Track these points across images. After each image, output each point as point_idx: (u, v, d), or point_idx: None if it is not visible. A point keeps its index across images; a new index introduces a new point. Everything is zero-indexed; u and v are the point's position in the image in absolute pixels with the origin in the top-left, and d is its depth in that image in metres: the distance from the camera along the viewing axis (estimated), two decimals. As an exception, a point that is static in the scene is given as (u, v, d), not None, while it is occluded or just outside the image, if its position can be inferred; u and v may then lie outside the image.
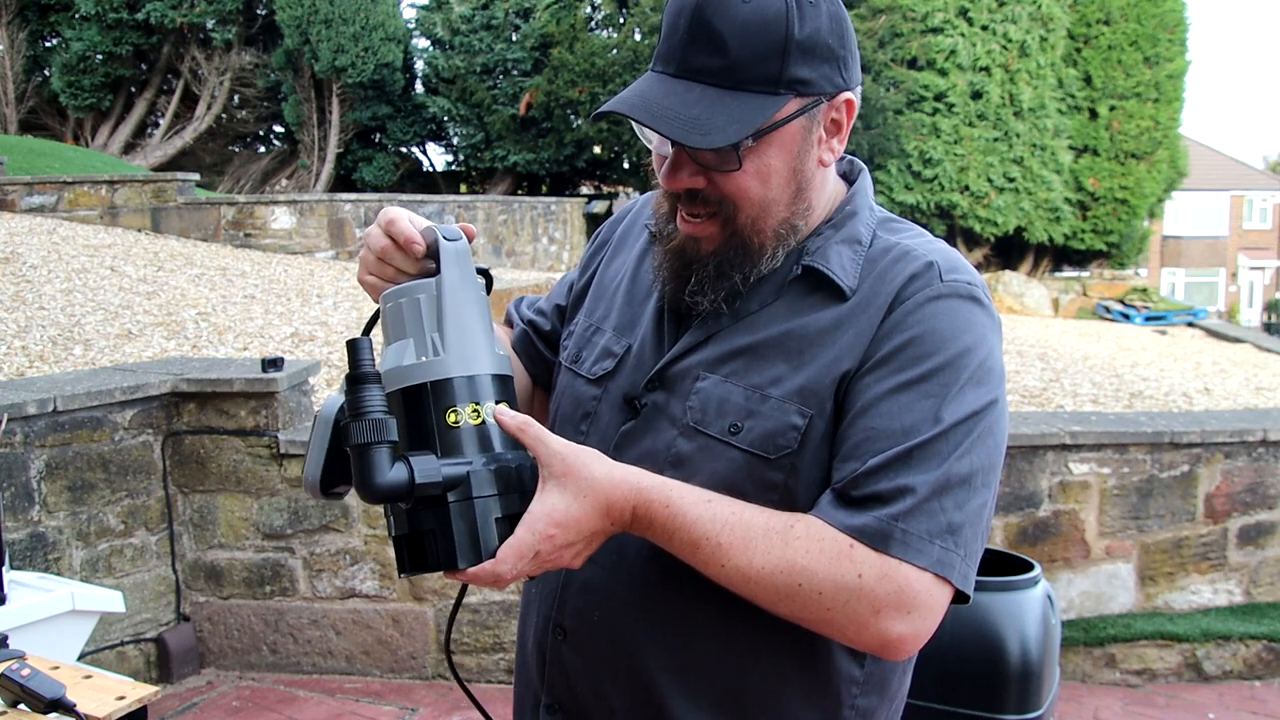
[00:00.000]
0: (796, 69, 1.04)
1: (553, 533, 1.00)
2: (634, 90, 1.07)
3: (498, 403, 1.05)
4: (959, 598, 1.04)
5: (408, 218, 1.15)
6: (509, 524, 1.01)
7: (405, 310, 1.08)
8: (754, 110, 1.04)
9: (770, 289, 1.13)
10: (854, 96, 1.11)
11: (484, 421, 1.04)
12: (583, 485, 1.01)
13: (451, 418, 1.03)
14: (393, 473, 0.99)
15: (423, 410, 1.04)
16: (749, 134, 1.03)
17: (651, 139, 1.14)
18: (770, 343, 1.11)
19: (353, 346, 1.03)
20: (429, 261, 1.13)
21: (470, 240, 1.14)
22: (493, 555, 1.00)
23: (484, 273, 1.16)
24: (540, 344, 1.38)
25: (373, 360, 1.03)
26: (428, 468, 1.00)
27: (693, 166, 1.08)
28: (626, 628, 1.13)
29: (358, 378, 1.02)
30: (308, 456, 1.11)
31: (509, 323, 1.45)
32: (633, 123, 1.09)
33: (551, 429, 1.25)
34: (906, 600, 1.00)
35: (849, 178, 1.22)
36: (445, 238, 1.11)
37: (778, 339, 1.11)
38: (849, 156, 1.23)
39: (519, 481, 1.03)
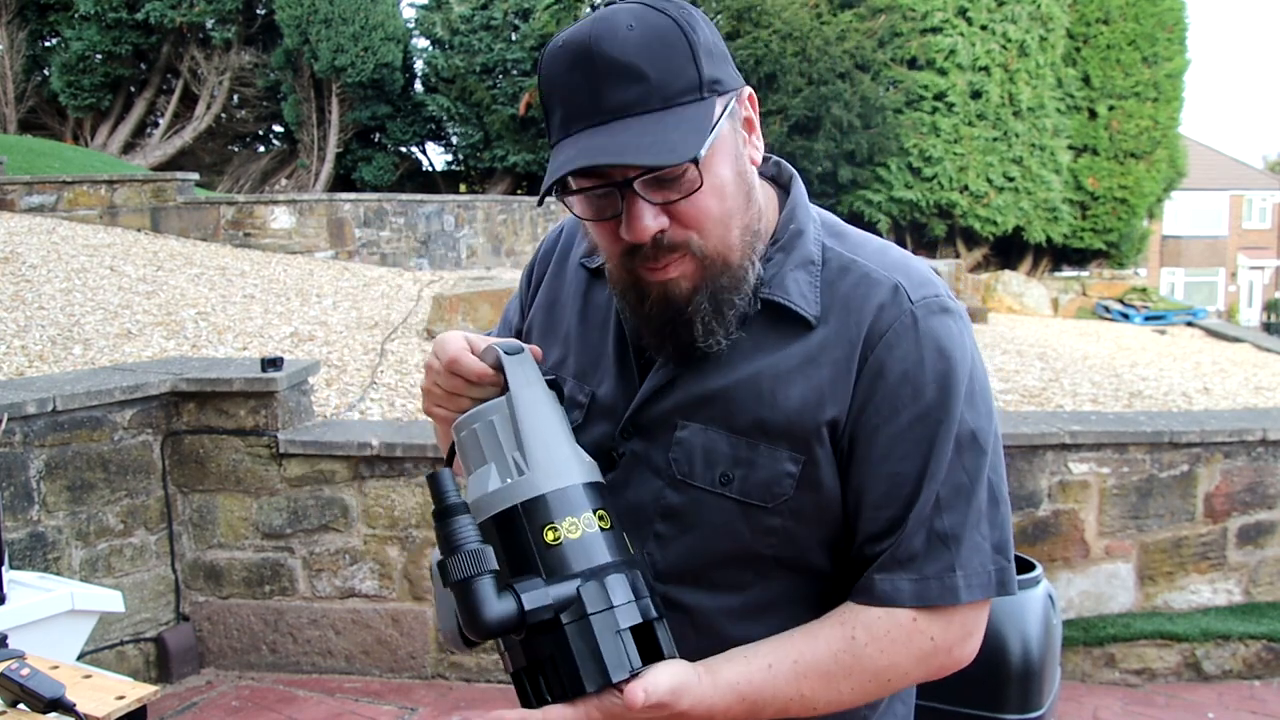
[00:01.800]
0: (709, 68, 1.01)
1: (659, 706, 0.97)
2: (567, 152, 0.99)
3: (596, 511, 1.00)
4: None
5: (467, 348, 1.10)
6: (631, 635, 0.96)
7: (481, 435, 1.04)
8: (698, 119, 1.00)
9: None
10: (750, 91, 1.08)
11: (583, 534, 0.98)
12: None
13: (550, 536, 0.98)
14: (501, 604, 0.94)
15: (518, 533, 0.99)
16: (706, 138, 0.99)
17: (589, 207, 1.05)
18: (743, 385, 1.08)
19: (433, 480, 0.99)
20: (497, 375, 1.09)
21: (538, 360, 1.09)
22: (627, 671, 0.95)
23: (554, 384, 1.12)
24: None
25: (457, 490, 1.00)
26: (535, 592, 0.95)
27: (652, 208, 1.01)
28: None
29: (444, 511, 0.98)
30: (438, 608, 1.08)
31: None
32: (565, 199, 1.04)
33: None
34: (970, 629, 1.09)
35: (779, 180, 1.18)
36: (506, 352, 1.07)
37: (750, 381, 1.08)
38: (774, 157, 1.19)
39: (633, 589, 0.98)
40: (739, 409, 1.07)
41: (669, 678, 0.97)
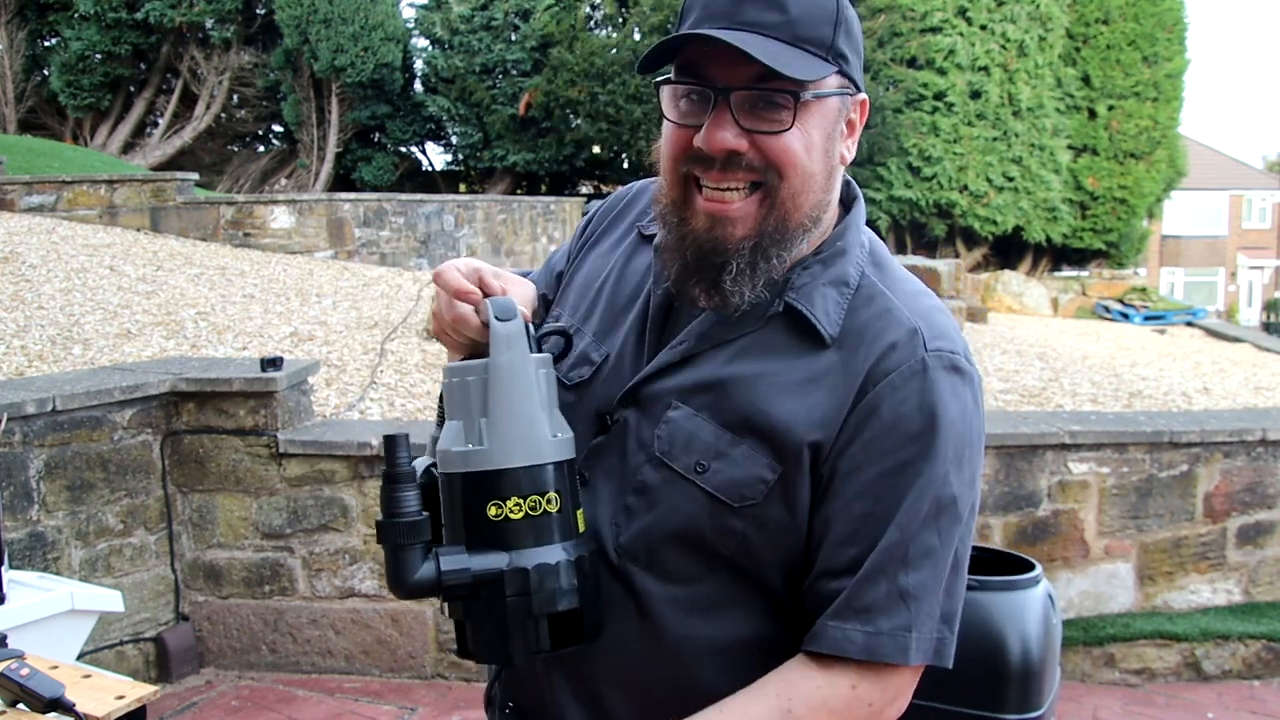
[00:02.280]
0: (842, 42, 1.03)
1: None
2: (700, 21, 1.02)
3: (546, 494, 1.02)
4: None
5: (465, 293, 1.12)
6: (555, 623, 1.01)
7: (458, 391, 1.06)
8: (815, 63, 1.01)
9: (749, 318, 1.09)
10: (867, 101, 1.10)
11: (525, 516, 1.01)
12: None
13: (493, 511, 1.01)
14: (422, 571, 1.00)
15: (464, 501, 1.03)
16: (817, 78, 1.01)
17: (677, 105, 1.06)
18: (743, 381, 1.07)
19: (389, 443, 1.03)
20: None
21: (528, 324, 1.10)
22: (529, 655, 1.01)
23: (563, 333, 1.14)
24: None
25: (409, 458, 1.03)
26: (458, 567, 1.00)
27: (735, 126, 1.01)
28: (587, 668, 1.13)
29: (393, 476, 1.02)
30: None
31: None
32: (664, 83, 1.05)
33: None
34: (902, 691, 1.07)
35: (844, 200, 1.18)
36: (497, 317, 1.07)
37: (750, 379, 1.07)
38: (848, 177, 1.19)
39: (559, 579, 1.01)
40: (731, 403, 1.07)
41: None
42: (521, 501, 1.01)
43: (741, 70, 1.00)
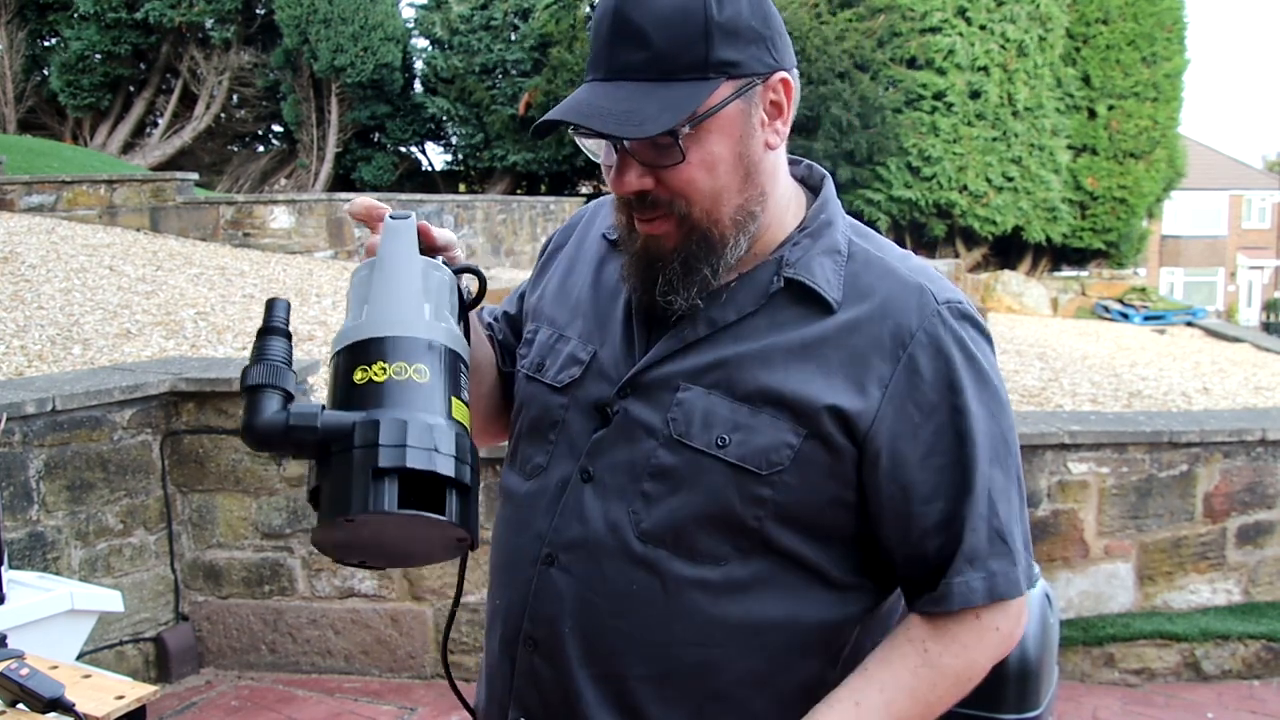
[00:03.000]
0: (722, 51, 1.04)
1: None
2: (569, 99, 1.07)
3: (415, 365, 0.99)
4: None
5: (371, 200, 1.16)
6: (399, 479, 0.94)
7: (352, 287, 1.08)
8: (685, 97, 1.03)
9: (749, 299, 1.12)
10: (790, 77, 1.09)
11: (389, 380, 0.97)
12: None
13: (358, 375, 0.98)
14: (272, 414, 0.96)
15: (337, 374, 1.01)
16: (682, 119, 1.02)
17: (598, 150, 1.12)
18: (755, 356, 1.10)
19: (269, 304, 1.04)
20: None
21: (426, 234, 1.12)
22: (365, 510, 0.92)
23: (475, 271, 1.14)
24: (500, 352, 1.36)
25: (286, 319, 1.04)
26: (305, 414, 0.96)
27: (638, 167, 1.06)
28: (602, 638, 1.11)
29: (265, 330, 1.02)
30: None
31: None
32: (576, 138, 1.09)
33: (517, 440, 1.25)
34: (1023, 616, 1.16)
35: (809, 182, 1.21)
36: (390, 217, 1.11)
37: (762, 353, 1.10)
38: (807, 161, 1.22)
39: (420, 437, 0.94)
40: (745, 377, 1.09)
41: None
42: (386, 366, 0.98)
43: None
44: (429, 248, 1.13)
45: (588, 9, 17.61)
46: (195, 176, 10.86)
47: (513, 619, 1.18)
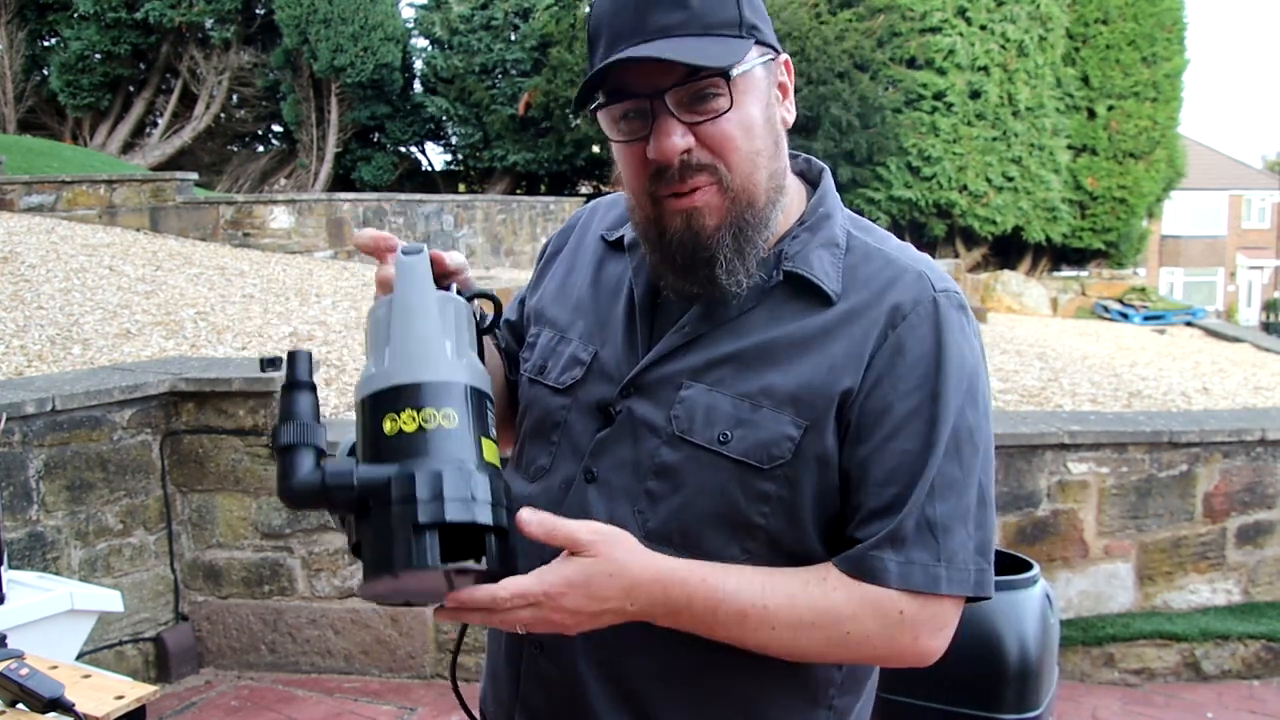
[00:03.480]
0: (749, 13, 1.06)
1: (564, 590, 0.98)
2: (614, 50, 1.05)
3: (443, 410, 0.99)
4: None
5: (376, 231, 1.14)
6: (448, 535, 0.94)
7: (370, 327, 1.08)
8: (732, 45, 1.05)
9: (749, 294, 1.12)
10: (788, 60, 1.13)
11: (419, 428, 0.98)
12: (612, 565, 1.00)
13: (388, 426, 0.98)
14: (308, 474, 0.96)
15: (366, 422, 1.00)
16: (737, 60, 1.04)
17: (618, 124, 1.09)
18: (756, 351, 1.10)
19: (291, 357, 1.03)
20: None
21: (439, 261, 1.12)
22: (409, 565, 0.93)
23: (491, 297, 1.14)
24: (505, 359, 1.36)
25: (309, 370, 1.03)
26: (341, 472, 0.96)
27: (680, 126, 1.05)
28: (608, 638, 1.10)
29: (291, 385, 1.01)
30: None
31: None
32: (600, 114, 1.08)
33: (521, 442, 1.24)
34: (942, 624, 1.08)
35: (808, 176, 1.21)
36: (403, 252, 1.09)
37: (763, 347, 1.09)
38: (805, 155, 1.22)
39: (457, 487, 0.95)
40: (748, 373, 1.09)
41: (597, 529, 1.00)
42: (415, 414, 0.98)
43: (666, 76, 1.04)
44: (441, 274, 1.12)
45: (588, 8, 17.60)
46: (195, 176, 10.86)
47: None
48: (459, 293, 1.11)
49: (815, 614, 1.05)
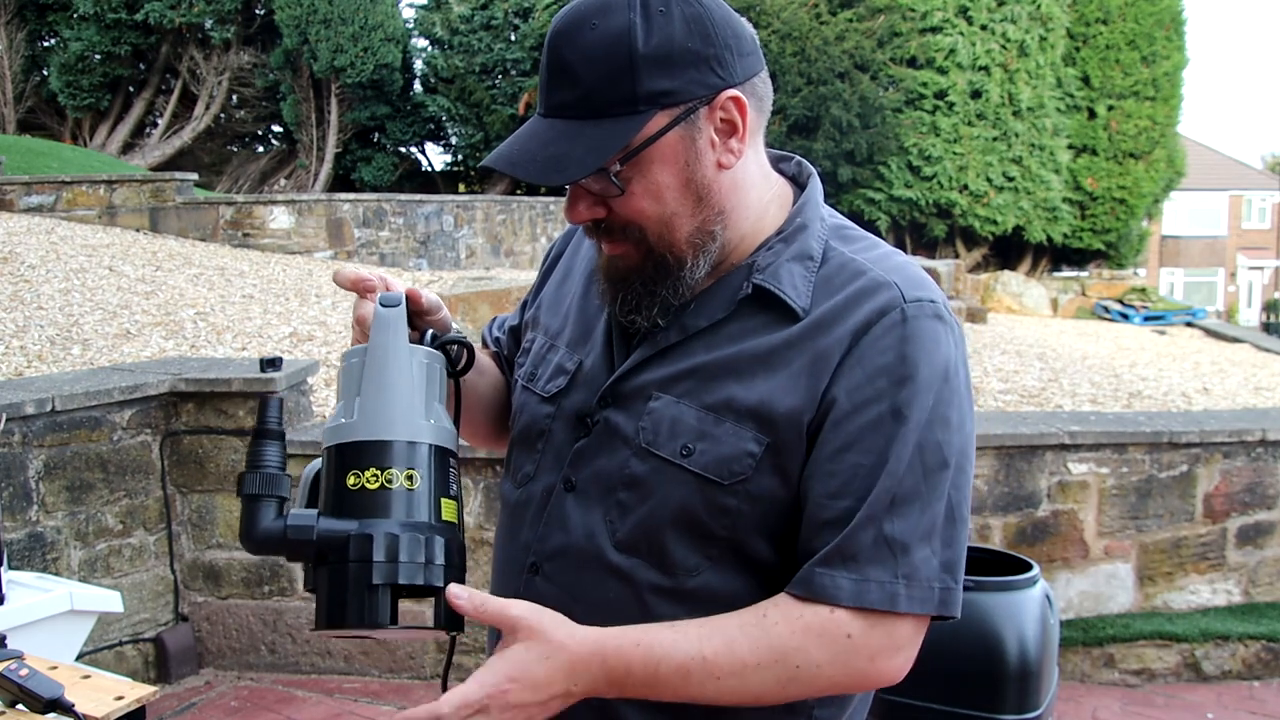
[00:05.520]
0: (652, 83, 1.02)
1: (507, 687, 0.99)
2: (509, 140, 1.09)
3: (406, 471, 1.03)
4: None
5: (360, 271, 1.16)
6: (390, 594, 1.00)
7: (343, 374, 1.09)
8: (613, 135, 1.03)
9: (720, 305, 1.11)
10: (740, 93, 1.06)
11: (380, 487, 1.01)
12: (547, 647, 1.00)
13: (351, 481, 1.02)
14: (270, 524, 1.01)
15: (330, 473, 1.04)
16: (607, 160, 1.03)
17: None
18: (721, 363, 1.09)
19: (262, 402, 1.06)
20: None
21: (415, 301, 1.13)
22: (360, 623, 0.99)
23: (462, 343, 1.15)
24: (506, 368, 1.36)
25: (280, 419, 1.06)
26: (303, 525, 1.00)
27: (588, 199, 1.08)
28: None
29: (260, 432, 1.05)
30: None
31: (484, 344, 1.44)
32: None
33: (511, 447, 1.26)
34: (900, 643, 1.04)
35: (799, 180, 1.20)
36: (381, 304, 1.10)
37: (729, 360, 1.09)
38: (797, 157, 1.21)
39: (411, 551, 1.00)
40: (713, 385, 1.08)
41: (529, 607, 1.02)
42: (379, 472, 1.02)
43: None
44: (416, 311, 1.14)
45: (587, 9, 17.61)
46: (195, 177, 10.86)
47: None
48: (434, 337, 1.13)
49: (758, 655, 1.02)
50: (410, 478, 1.02)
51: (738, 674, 1.02)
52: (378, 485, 1.01)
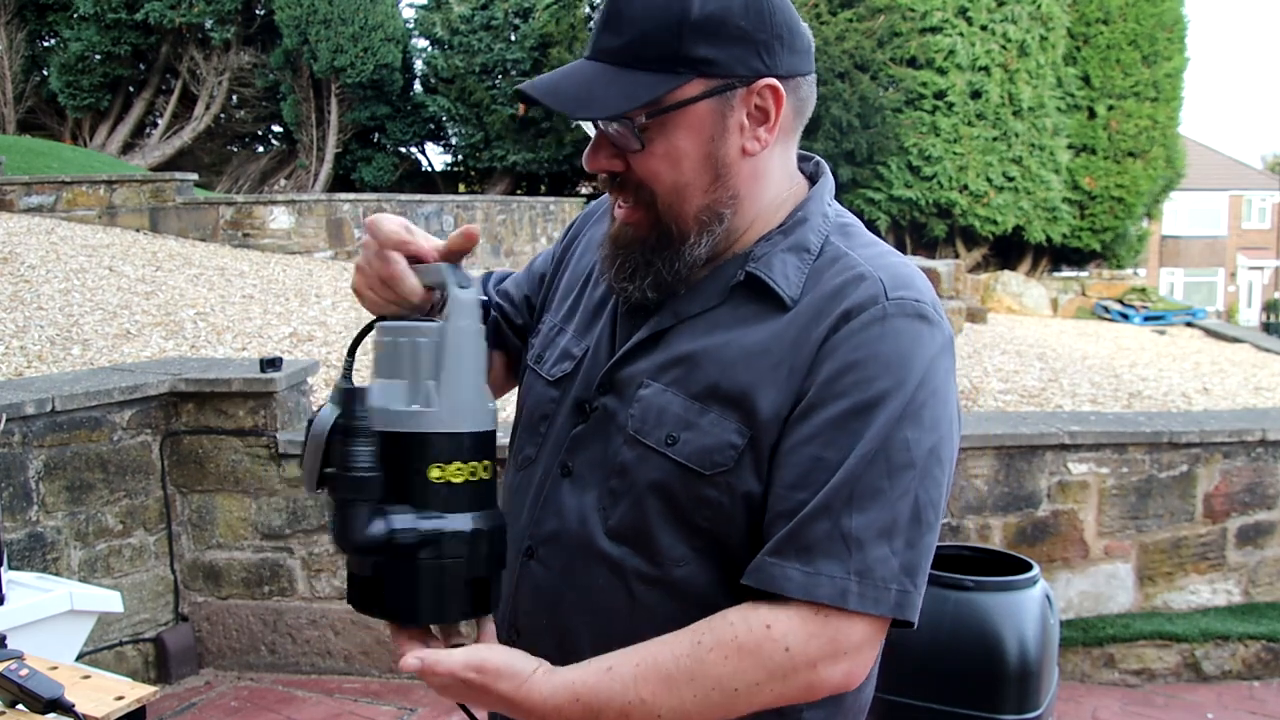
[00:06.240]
0: (696, 48, 1.03)
1: (469, 676, 1.01)
2: (549, 73, 1.10)
3: (483, 462, 1.04)
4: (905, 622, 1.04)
5: (404, 248, 1.12)
6: (473, 589, 1.04)
7: (404, 351, 1.05)
8: (646, 87, 1.03)
9: (714, 292, 1.11)
10: (779, 84, 1.06)
11: (465, 481, 1.03)
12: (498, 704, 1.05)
13: (435, 474, 1.01)
14: (371, 528, 1.00)
15: (408, 461, 1.02)
16: (634, 108, 1.03)
17: (588, 128, 1.13)
18: (710, 352, 1.09)
19: (348, 396, 1.02)
20: (434, 292, 1.12)
21: (461, 254, 1.13)
22: (460, 616, 1.04)
23: (487, 306, 1.17)
24: (508, 330, 1.35)
25: (366, 413, 1.02)
26: (405, 525, 1.00)
27: (609, 148, 1.08)
28: (574, 630, 1.13)
29: (351, 429, 1.01)
30: (304, 466, 1.10)
31: None
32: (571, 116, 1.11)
33: (515, 429, 1.27)
34: (846, 648, 1.01)
35: (815, 179, 1.20)
36: (460, 285, 1.08)
37: (717, 349, 1.09)
38: (817, 158, 1.21)
39: (490, 546, 1.04)
40: (700, 374, 1.08)
41: (499, 655, 1.03)
42: (464, 466, 1.03)
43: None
44: (450, 251, 1.13)
45: (588, 9, 17.62)
46: (195, 177, 10.86)
47: (504, 608, 1.20)
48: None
49: (694, 686, 1.00)
50: (486, 469, 1.05)
51: (677, 708, 1.00)
52: (462, 480, 1.03)
